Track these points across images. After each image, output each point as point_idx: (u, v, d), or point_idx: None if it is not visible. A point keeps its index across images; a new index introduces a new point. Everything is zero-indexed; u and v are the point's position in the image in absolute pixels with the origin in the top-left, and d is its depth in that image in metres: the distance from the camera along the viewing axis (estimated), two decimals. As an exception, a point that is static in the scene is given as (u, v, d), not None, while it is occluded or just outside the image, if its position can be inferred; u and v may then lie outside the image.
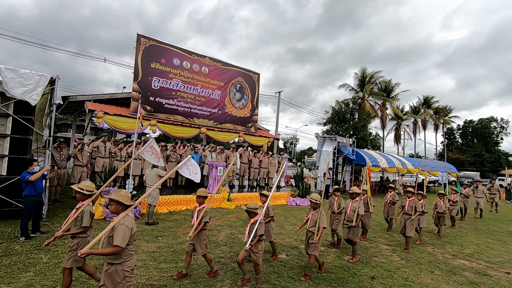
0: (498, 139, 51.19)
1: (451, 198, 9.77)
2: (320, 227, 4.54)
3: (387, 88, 34.50)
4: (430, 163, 23.43)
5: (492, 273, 5.46)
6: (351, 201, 5.95)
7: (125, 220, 2.71)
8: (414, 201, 6.74)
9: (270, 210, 5.24)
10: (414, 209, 6.65)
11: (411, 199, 6.83)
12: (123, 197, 2.82)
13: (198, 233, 4.20)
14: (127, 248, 2.73)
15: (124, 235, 2.63)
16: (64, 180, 8.69)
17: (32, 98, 6.18)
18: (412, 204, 6.73)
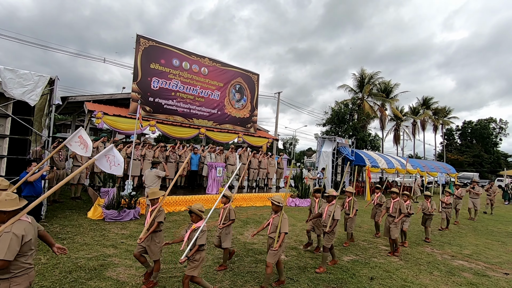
0: (497, 140, 51.32)
1: (444, 200, 9.44)
2: (281, 232, 4.07)
3: (386, 89, 34.54)
4: (429, 164, 23.45)
5: (491, 273, 5.47)
6: (327, 204, 5.39)
7: (12, 227, 2.26)
8: (399, 203, 6.35)
9: (231, 212, 4.82)
10: (398, 210, 6.29)
11: (395, 200, 6.43)
12: (2, 204, 2.31)
13: (152, 235, 3.89)
14: (19, 260, 2.29)
15: (9, 245, 2.18)
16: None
17: (31, 99, 6.18)
18: (396, 206, 6.34)
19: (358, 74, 33.12)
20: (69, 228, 6.18)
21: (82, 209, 7.83)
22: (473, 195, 11.83)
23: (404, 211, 6.28)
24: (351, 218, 6.70)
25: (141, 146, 10.21)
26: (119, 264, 4.57)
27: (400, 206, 6.28)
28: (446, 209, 9.30)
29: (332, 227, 5.04)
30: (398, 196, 6.48)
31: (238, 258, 5.25)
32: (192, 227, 3.57)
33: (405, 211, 6.32)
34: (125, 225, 6.82)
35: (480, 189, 11.98)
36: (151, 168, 7.63)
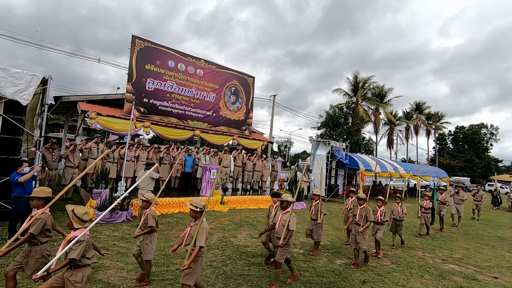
0: (488, 145, 52.26)
1: (423, 204, 8.72)
2: (196, 245, 3.27)
3: (380, 94, 34.93)
4: (422, 168, 23.73)
5: (481, 277, 5.55)
6: (282, 212, 4.58)
7: None
8: (366, 210, 5.65)
9: (150, 218, 4.05)
10: (364, 218, 5.59)
11: (362, 206, 5.71)
12: None
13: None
14: None
15: None
16: (55, 182, 8.56)
17: (23, 98, 6.10)
18: (363, 213, 5.64)
19: (353, 78, 33.46)
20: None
21: (74, 211, 7.72)
22: (457, 200, 11.26)
23: (370, 218, 5.60)
24: (318, 224, 5.95)
25: (135, 148, 10.14)
26: (110, 266, 4.52)
27: (367, 214, 5.61)
28: (426, 214, 8.66)
29: (286, 239, 4.26)
30: (365, 202, 5.75)
31: (231, 261, 5.24)
32: (68, 237, 2.98)
33: (372, 218, 5.64)
34: (117, 227, 6.75)
35: (465, 194, 11.36)
36: (144, 169, 7.58)
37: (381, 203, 6.40)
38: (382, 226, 6.38)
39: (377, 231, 6.35)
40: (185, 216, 8.42)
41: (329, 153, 15.64)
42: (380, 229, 6.36)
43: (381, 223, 6.32)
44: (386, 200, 6.58)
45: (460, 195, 11.32)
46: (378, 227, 6.34)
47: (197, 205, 3.45)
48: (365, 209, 5.70)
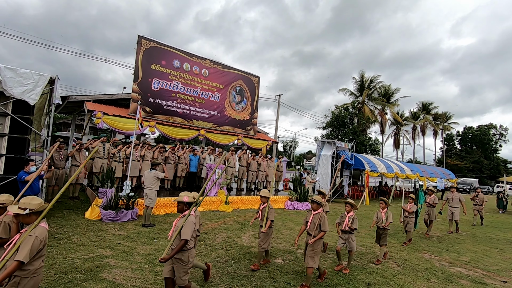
0: (497, 146, 51.39)
1: (406, 208, 7.74)
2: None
3: (386, 93, 34.63)
4: (429, 169, 23.45)
5: (489, 281, 5.44)
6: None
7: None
8: (320, 217, 4.50)
9: None
10: (318, 227, 4.46)
11: (316, 212, 4.57)
12: None
13: None
14: None
15: None
16: (62, 180, 8.66)
17: (31, 98, 6.19)
18: (316, 220, 4.49)
19: (359, 78, 33.21)
20: (66, 228, 6.16)
21: (80, 209, 7.81)
22: (451, 202, 10.02)
23: (324, 228, 4.45)
24: (264, 233, 4.94)
25: (140, 147, 10.21)
26: (115, 265, 4.55)
27: (321, 221, 4.48)
28: (409, 219, 7.71)
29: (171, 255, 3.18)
30: (320, 207, 4.60)
31: (235, 261, 5.23)
32: None
33: (326, 228, 4.44)
34: (122, 226, 6.80)
35: (461, 196, 10.01)
36: (150, 169, 7.62)
37: (350, 208, 5.41)
38: (351, 234, 5.35)
39: (347, 241, 5.34)
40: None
41: (334, 153, 15.55)
42: (350, 240, 5.31)
43: (349, 231, 5.32)
44: (389, 202, 6.13)
45: (455, 197, 9.98)
46: (346, 236, 5.34)
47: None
48: (319, 215, 4.56)
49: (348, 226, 5.29)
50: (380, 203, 6.18)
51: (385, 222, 5.96)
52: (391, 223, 6.00)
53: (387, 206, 6.07)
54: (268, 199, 5.14)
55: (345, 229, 5.31)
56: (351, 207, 5.41)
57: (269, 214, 5.01)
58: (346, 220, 5.35)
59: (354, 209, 5.41)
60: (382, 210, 6.10)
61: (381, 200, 6.17)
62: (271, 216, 5.04)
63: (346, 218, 5.37)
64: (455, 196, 10.00)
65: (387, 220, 5.97)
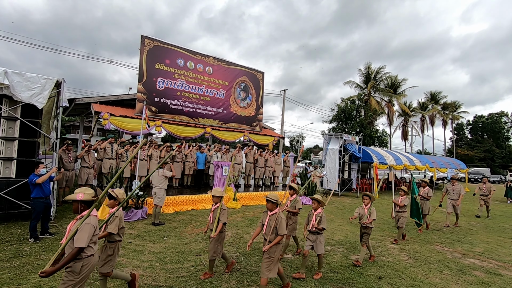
0: (509, 134, 50.17)
1: (397, 201, 7.01)
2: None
3: (393, 84, 34.08)
4: (439, 160, 23.07)
5: (504, 272, 5.34)
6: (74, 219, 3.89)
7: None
8: (276, 218, 3.78)
9: None
10: (274, 230, 3.79)
11: (272, 213, 3.86)
12: None
13: None
14: None
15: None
16: (72, 182, 8.81)
17: (39, 102, 6.27)
18: (272, 223, 3.79)
19: (364, 69, 32.73)
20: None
21: (91, 210, 7.92)
22: (452, 195, 9.29)
23: (282, 231, 3.74)
24: (213, 238, 4.23)
25: (148, 146, 10.29)
26: (126, 264, 4.61)
27: (277, 224, 3.76)
28: (401, 214, 7.01)
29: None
30: (276, 206, 3.90)
31: (245, 257, 5.24)
32: None
33: (284, 231, 3.75)
34: (132, 225, 6.89)
35: (462, 188, 9.27)
36: (157, 168, 7.67)
37: (317, 204, 4.76)
38: (319, 235, 4.65)
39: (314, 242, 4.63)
40: (198, 214, 8.50)
41: (341, 147, 15.41)
42: (318, 241, 4.62)
43: (317, 232, 4.63)
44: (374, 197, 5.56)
45: (456, 189, 9.26)
46: (314, 237, 4.65)
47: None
48: (275, 216, 3.81)
49: (315, 226, 4.60)
50: (363, 198, 5.53)
51: (367, 219, 5.34)
52: (375, 220, 5.38)
53: (371, 201, 5.46)
54: (221, 199, 4.48)
55: (312, 230, 4.63)
56: (317, 204, 4.75)
57: (221, 216, 4.34)
58: (313, 219, 4.67)
59: (322, 206, 4.78)
60: (365, 206, 5.45)
61: (365, 195, 5.53)
62: (223, 218, 4.35)
63: (313, 217, 4.69)
64: (455, 188, 9.30)
65: (370, 217, 5.35)
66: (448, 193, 9.44)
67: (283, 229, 3.76)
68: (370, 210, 5.40)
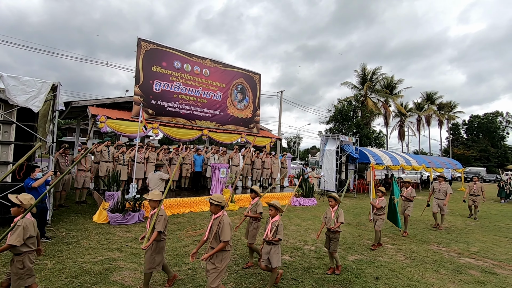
0: (504, 134, 50.62)
1: (375, 204, 6.52)
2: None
3: (389, 85, 34.31)
4: (435, 160, 23.23)
5: (499, 271, 5.39)
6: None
7: None
8: (219, 222, 3.35)
9: None
10: (216, 236, 3.35)
11: (217, 216, 3.47)
12: None
13: None
14: None
15: None
16: (69, 185, 8.78)
17: (35, 105, 6.25)
18: (214, 227, 3.38)
19: (361, 70, 32.93)
20: (74, 232, 6.24)
21: (88, 213, 7.89)
22: (438, 194, 8.79)
23: (225, 237, 3.26)
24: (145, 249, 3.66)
25: (145, 149, 10.27)
26: (124, 268, 4.60)
27: (220, 229, 3.32)
28: (378, 216, 6.51)
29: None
30: (220, 209, 3.48)
31: (243, 259, 5.25)
32: None
33: (227, 237, 3.26)
34: (130, 228, 6.87)
35: (448, 187, 8.74)
36: (154, 171, 7.66)
37: (274, 211, 4.16)
38: (274, 247, 4.04)
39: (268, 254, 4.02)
40: (196, 216, 8.49)
41: (338, 147, 15.48)
42: (273, 252, 4.00)
43: (271, 242, 4.05)
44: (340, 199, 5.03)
45: (442, 188, 8.71)
46: (270, 249, 4.04)
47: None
48: (218, 220, 3.38)
49: (269, 237, 3.99)
50: (329, 200, 5.05)
51: (334, 223, 4.82)
52: (343, 223, 4.91)
53: (338, 203, 4.94)
54: (160, 202, 3.81)
55: (267, 239, 4.04)
56: (274, 210, 4.16)
57: (157, 223, 3.74)
58: (269, 228, 4.09)
59: (280, 213, 4.22)
60: (332, 209, 4.96)
61: (330, 197, 5.01)
62: (159, 225, 3.74)
63: (269, 225, 4.12)
64: (442, 187, 8.73)
65: (337, 220, 4.86)
66: (434, 192, 8.94)
67: (226, 235, 3.29)
68: (338, 213, 4.88)
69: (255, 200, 5.08)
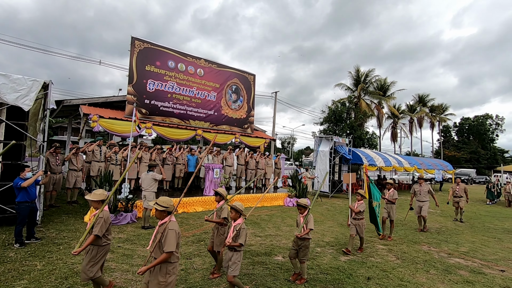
0: (493, 136, 51.68)
1: (353, 207, 6.13)
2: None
3: (383, 87, 34.67)
4: (427, 161, 23.56)
5: (487, 271, 5.50)
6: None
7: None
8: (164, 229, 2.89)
9: None
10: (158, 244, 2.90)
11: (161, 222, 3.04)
12: None
13: None
14: None
15: None
16: (59, 185, 8.64)
17: (25, 104, 6.15)
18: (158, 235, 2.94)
19: (354, 72, 33.21)
20: (65, 233, 6.15)
21: (79, 213, 7.79)
22: (419, 196, 8.46)
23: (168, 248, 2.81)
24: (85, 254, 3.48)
25: (138, 149, 10.18)
26: (115, 269, 4.56)
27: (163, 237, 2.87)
28: (357, 221, 6.12)
29: None
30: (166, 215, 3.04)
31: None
32: None
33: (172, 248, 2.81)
34: (122, 229, 6.80)
35: (430, 188, 8.49)
36: (147, 171, 7.60)
37: (234, 213, 3.83)
38: (236, 254, 3.76)
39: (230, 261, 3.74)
40: (189, 216, 8.46)
41: (332, 148, 15.58)
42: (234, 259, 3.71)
43: (233, 248, 3.73)
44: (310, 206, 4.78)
45: (424, 189, 8.41)
46: (230, 255, 3.76)
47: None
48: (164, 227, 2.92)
49: (228, 242, 3.70)
50: (298, 208, 4.79)
51: (301, 230, 4.48)
52: (312, 230, 4.55)
53: (308, 209, 4.68)
54: (103, 203, 3.45)
55: (227, 244, 3.77)
56: (235, 213, 3.85)
57: (95, 226, 3.36)
58: (230, 232, 3.77)
59: (243, 217, 3.91)
60: (301, 215, 4.68)
61: (298, 206, 4.75)
62: (97, 228, 3.34)
63: (231, 229, 3.80)
64: (423, 189, 8.41)
65: (306, 226, 4.50)
66: (416, 195, 8.57)
67: (170, 244, 2.81)
68: (307, 219, 4.55)
69: (220, 203, 4.69)
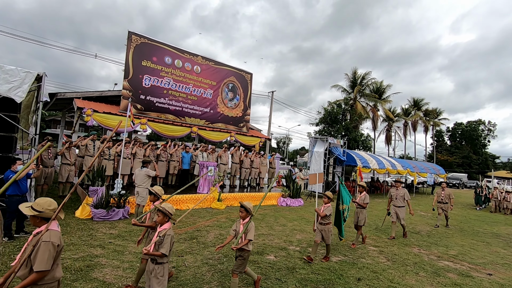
0: (485, 142, 52.49)
1: (319, 211, 5.59)
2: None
3: (379, 90, 34.94)
4: (420, 165, 23.82)
5: (475, 274, 5.59)
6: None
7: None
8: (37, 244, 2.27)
9: None
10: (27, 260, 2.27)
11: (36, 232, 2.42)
12: None
13: None
14: None
15: None
16: (51, 179, 8.54)
17: (18, 95, 6.05)
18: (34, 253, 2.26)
19: (351, 74, 33.39)
20: (56, 227, 6.08)
21: (70, 208, 7.70)
22: (395, 201, 7.89)
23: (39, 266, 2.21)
24: None
25: (132, 145, 10.10)
26: (106, 265, 4.52)
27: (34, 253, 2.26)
28: (324, 226, 5.57)
29: None
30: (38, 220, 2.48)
31: (227, 258, 5.25)
32: None
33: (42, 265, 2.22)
34: (113, 224, 6.75)
35: (406, 193, 7.92)
36: (141, 167, 7.55)
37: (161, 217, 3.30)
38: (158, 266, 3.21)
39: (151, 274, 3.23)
40: (182, 214, 8.41)
41: (327, 149, 15.65)
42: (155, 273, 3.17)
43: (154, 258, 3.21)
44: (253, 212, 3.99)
45: (400, 193, 7.86)
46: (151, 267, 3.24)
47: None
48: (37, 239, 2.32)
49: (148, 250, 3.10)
50: (239, 211, 4.01)
51: (239, 241, 3.76)
52: (251, 240, 3.85)
53: (250, 215, 3.92)
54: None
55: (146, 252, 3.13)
56: (163, 216, 3.28)
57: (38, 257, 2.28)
58: (154, 238, 3.25)
59: (173, 222, 3.38)
60: (242, 221, 3.91)
61: (241, 207, 3.95)
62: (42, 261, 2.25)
63: (155, 234, 3.28)
64: (399, 193, 7.87)
65: (245, 236, 3.80)
66: (392, 200, 8.00)
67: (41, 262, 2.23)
68: (248, 227, 3.84)
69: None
